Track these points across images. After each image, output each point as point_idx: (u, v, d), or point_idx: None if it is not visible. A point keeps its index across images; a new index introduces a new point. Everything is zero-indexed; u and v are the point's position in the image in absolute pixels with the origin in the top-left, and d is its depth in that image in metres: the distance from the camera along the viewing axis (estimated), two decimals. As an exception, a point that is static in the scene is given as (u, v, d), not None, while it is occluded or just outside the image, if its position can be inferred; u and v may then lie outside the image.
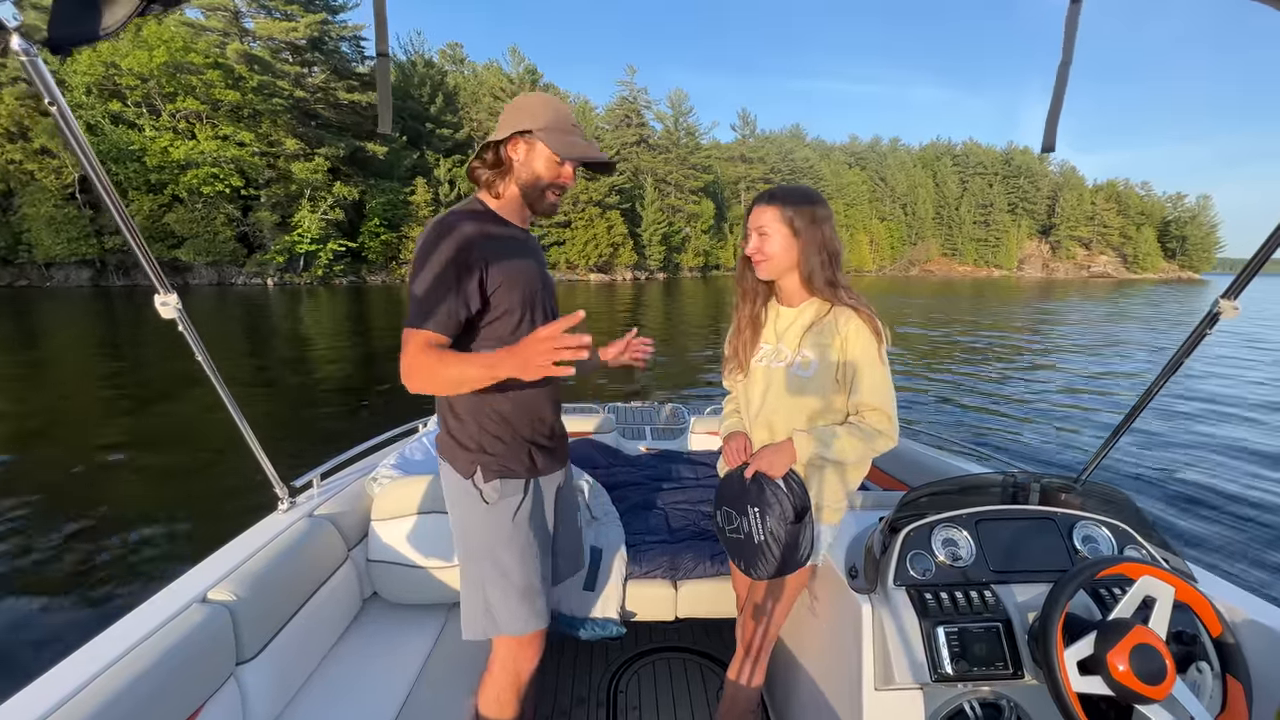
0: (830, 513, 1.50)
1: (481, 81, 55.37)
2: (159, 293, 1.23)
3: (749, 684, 1.68)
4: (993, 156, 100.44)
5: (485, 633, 1.38)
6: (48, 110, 0.89)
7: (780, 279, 1.50)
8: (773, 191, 1.47)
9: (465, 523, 1.39)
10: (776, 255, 1.45)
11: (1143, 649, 1.05)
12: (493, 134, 1.35)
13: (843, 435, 1.39)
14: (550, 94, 1.58)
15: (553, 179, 1.34)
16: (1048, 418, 8.14)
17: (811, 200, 1.44)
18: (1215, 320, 1.29)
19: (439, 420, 1.42)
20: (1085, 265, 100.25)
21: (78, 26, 0.78)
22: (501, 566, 1.36)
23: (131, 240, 1.13)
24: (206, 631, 1.29)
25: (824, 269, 1.42)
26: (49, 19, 0.77)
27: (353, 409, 7.74)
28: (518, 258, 1.34)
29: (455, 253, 1.21)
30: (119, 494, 4.80)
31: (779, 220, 1.43)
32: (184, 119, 32.28)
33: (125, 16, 0.80)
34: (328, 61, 37.37)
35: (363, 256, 39.68)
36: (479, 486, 1.34)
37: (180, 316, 1.28)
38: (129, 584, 3.49)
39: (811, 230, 1.41)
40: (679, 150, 62.02)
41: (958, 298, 35.78)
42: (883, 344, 1.39)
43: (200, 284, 32.62)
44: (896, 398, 1.43)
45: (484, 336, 1.31)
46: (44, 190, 28.73)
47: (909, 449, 2.66)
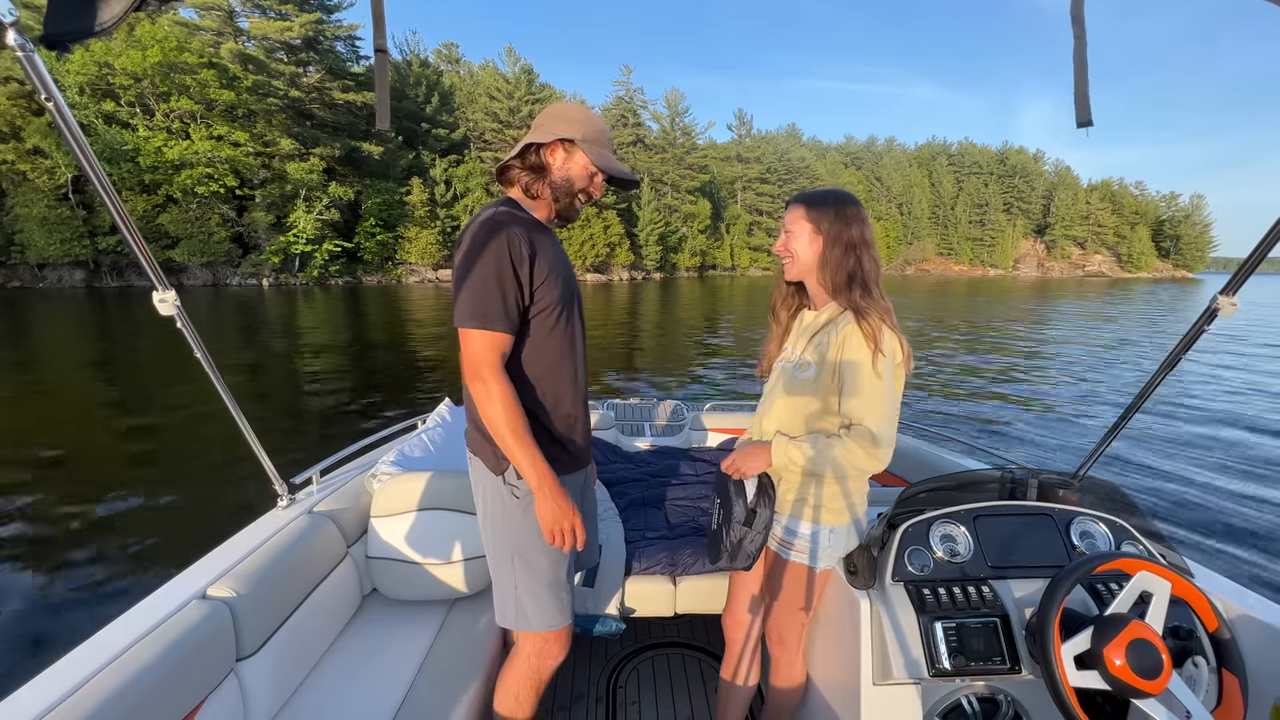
0: (829, 514, 1.48)
1: (477, 81, 55.23)
2: (157, 290, 1.23)
3: (744, 682, 1.68)
4: (988, 156, 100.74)
5: (517, 625, 1.41)
6: (44, 107, 0.89)
7: (807, 281, 1.49)
8: (803, 192, 1.48)
9: (494, 518, 1.41)
10: (800, 254, 1.45)
11: (1139, 644, 1.05)
12: (532, 135, 1.38)
13: (821, 448, 1.36)
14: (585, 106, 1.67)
15: (584, 187, 1.41)
16: (1046, 414, 8.17)
17: (840, 200, 1.43)
18: (1214, 316, 1.29)
19: (468, 416, 1.43)
20: (1080, 264, 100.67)
21: (74, 22, 0.78)
22: (530, 562, 1.39)
23: (130, 237, 1.13)
24: (206, 628, 1.29)
25: (843, 269, 1.39)
26: (45, 15, 0.76)
27: (351, 407, 7.71)
28: (555, 255, 1.39)
29: (509, 250, 1.26)
30: (119, 492, 4.77)
31: (804, 219, 1.44)
32: (178, 119, 32.06)
33: (122, 12, 0.80)
34: (322, 61, 37.22)
35: (358, 257, 39.53)
36: (510, 483, 1.37)
37: (178, 313, 1.28)
38: (129, 580, 3.48)
39: (836, 229, 1.40)
40: (675, 150, 62.02)
41: (953, 297, 35.88)
42: (881, 357, 1.30)
43: (195, 285, 32.44)
44: (895, 415, 1.34)
45: (529, 330, 1.35)
46: (37, 190, 28.50)
47: (907, 445, 2.66)
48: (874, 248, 1.42)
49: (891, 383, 1.32)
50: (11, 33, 0.77)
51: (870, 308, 1.34)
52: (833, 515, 1.47)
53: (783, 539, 1.50)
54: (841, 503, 1.47)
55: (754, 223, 74.96)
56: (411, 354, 12.27)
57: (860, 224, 1.41)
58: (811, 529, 1.46)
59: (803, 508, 1.47)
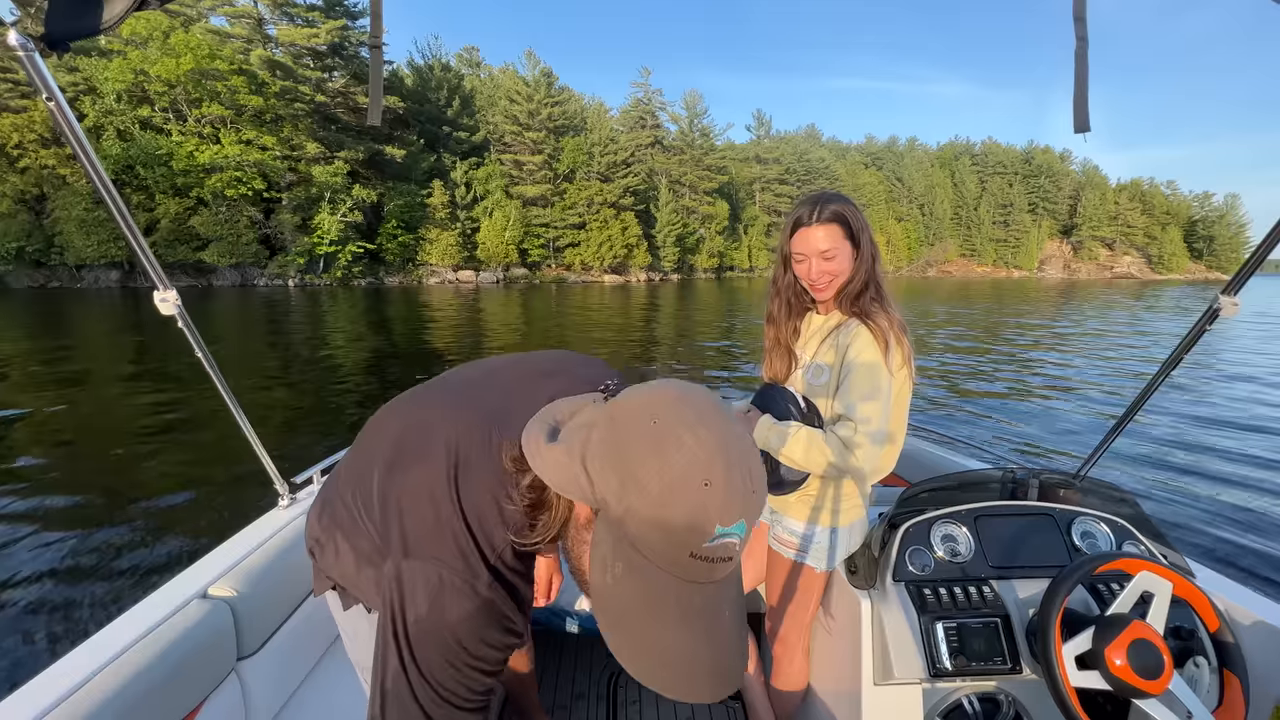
0: (833, 515, 1.48)
1: (498, 85, 55.85)
2: (158, 289, 1.23)
3: (754, 677, 1.70)
4: (1013, 156, 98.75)
5: None
6: (45, 107, 0.87)
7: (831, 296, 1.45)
8: (818, 205, 1.37)
9: None
10: (842, 274, 1.39)
11: (1140, 644, 1.05)
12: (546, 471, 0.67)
13: (803, 439, 1.34)
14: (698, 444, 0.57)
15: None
16: (1047, 414, 8.01)
17: (852, 203, 1.40)
18: (1215, 316, 1.27)
19: None
20: (1108, 266, 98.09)
21: (76, 21, 0.77)
22: None
23: (128, 234, 1.13)
24: (207, 627, 1.29)
25: (859, 279, 1.37)
26: (46, 14, 0.76)
27: (362, 405, 7.84)
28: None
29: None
30: (118, 492, 4.79)
31: (843, 238, 1.37)
32: (209, 124, 33.10)
33: (123, 11, 0.79)
34: (347, 67, 38.05)
35: (381, 258, 40.31)
36: None
37: (179, 313, 1.28)
38: (129, 579, 3.46)
39: (864, 242, 1.38)
40: (694, 151, 61.97)
41: (972, 300, 35.18)
42: (887, 359, 1.30)
43: (224, 285, 33.36)
44: (890, 417, 1.30)
45: None
46: (75, 194, 29.62)
47: (908, 446, 2.63)
48: (878, 249, 1.42)
49: (890, 388, 1.31)
50: (13, 32, 0.76)
51: (879, 312, 1.34)
52: (837, 517, 1.47)
53: (786, 540, 1.51)
54: (846, 504, 1.47)
55: (772, 224, 74.41)
56: (424, 351, 12.41)
57: (868, 227, 1.40)
58: (815, 530, 1.47)
59: (807, 509, 1.48)
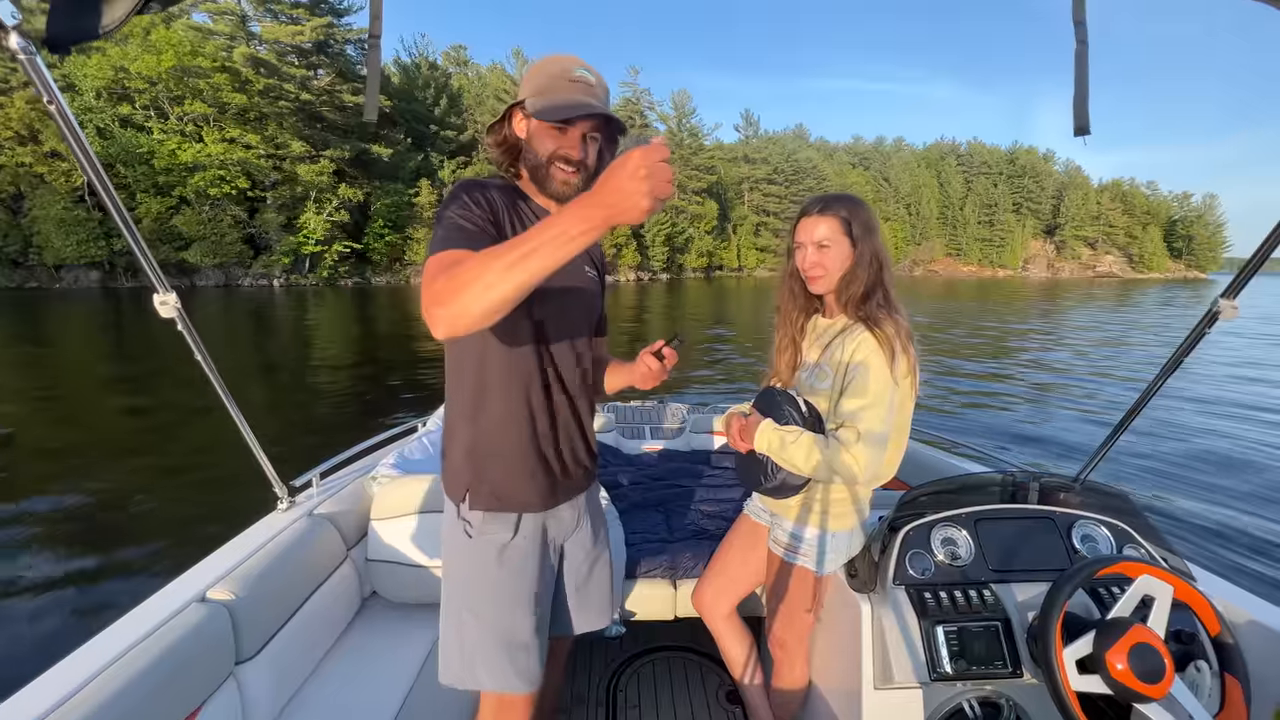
0: (834, 519, 1.47)
1: (485, 84, 55.52)
2: (158, 292, 1.23)
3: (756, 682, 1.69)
4: (997, 156, 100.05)
5: (462, 682, 1.23)
6: (46, 110, 0.88)
7: (828, 291, 1.45)
8: (826, 199, 1.40)
9: (446, 556, 1.27)
10: (833, 268, 1.39)
11: (1141, 648, 1.05)
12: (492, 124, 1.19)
13: (804, 444, 1.33)
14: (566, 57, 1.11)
15: (554, 149, 1.10)
16: (1047, 416, 8.10)
17: (865, 208, 1.40)
18: (1214, 320, 1.28)
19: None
20: (1090, 265, 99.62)
21: (77, 24, 0.78)
22: (477, 610, 1.21)
23: (130, 239, 1.14)
24: (206, 631, 1.29)
25: (864, 282, 1.36)
26: (48, 17, 0.76)
27: (352, 407, 7.76)
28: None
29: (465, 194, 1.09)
30: (118, 491, 4.79)
31: (841, 232, 1.37)
32: (191, 122, 32.50)
33: (124, 14, 0.80)
34: (333, 65, 37.55)
35: (367, 258, 39.85)
36: (463, 516, 1.19)
37: (179, 315, 1.28)
38: (128, 583, 3.46)
39: (868, 241, 1.37)
40: (682, 151, 62.01)
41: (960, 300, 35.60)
42: (890, 366, 1.28)
43: (207, 285, 32.78)
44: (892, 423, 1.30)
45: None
46: (54, 193, 28.95)
47: (909, 449, 2.64)
48: (889, 256, 1.40)
49: (893, 395, 1.29)
50: (14, 35, 0.77)
51: (886, 319, 1.32)
52: (837, 520, 1.47)
53: (787, 543, 1.50)
54: (846, 508, 1.46)
55: (761, 223, 74.75)
56: (413, 355, 12.32)
57: (878, 233, 1.39)
58: (816, 534, 1.46)
59: (807, 513, 1.47)
